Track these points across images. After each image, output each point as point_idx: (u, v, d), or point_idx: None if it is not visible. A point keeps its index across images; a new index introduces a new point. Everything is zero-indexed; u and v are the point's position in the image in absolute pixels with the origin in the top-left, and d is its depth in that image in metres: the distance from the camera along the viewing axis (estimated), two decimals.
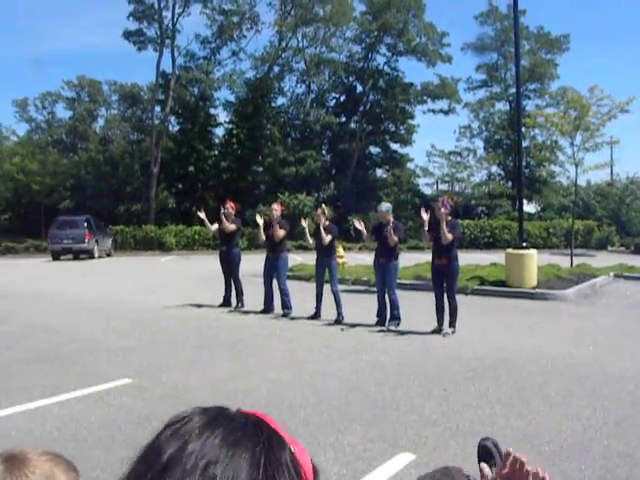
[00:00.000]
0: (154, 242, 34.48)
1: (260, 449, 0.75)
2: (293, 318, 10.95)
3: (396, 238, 9.90)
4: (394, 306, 9.96)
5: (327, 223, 10.95)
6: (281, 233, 11.17)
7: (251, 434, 0.77)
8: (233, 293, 12.19)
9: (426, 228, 9.58)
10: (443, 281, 9.58)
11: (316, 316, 10.84)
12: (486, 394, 6.14)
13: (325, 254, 10.89)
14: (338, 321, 10.48)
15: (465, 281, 13.88)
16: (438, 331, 9.45)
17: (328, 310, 10.74)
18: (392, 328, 9.75)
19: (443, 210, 9.28)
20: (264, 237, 11.45)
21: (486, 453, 1.82)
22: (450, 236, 9.21)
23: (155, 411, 5.64)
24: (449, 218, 9.40)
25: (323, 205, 11.97)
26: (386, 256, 9.99)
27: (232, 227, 11.97)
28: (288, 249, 11.83)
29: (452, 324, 9.37)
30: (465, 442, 4.74)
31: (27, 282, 17.71)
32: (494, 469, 2.03)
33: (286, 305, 11.22)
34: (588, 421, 5.35)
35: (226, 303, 12.20)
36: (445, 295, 9.49)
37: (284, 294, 11.23)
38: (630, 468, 4.35)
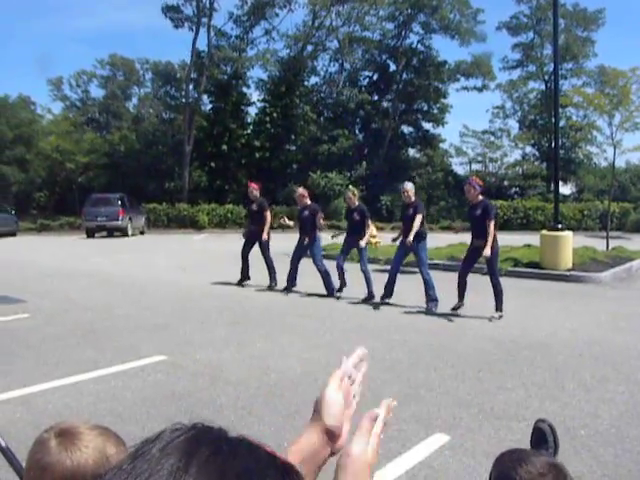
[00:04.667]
0: (187, 220, 34.73)
1: None
2: (323, 296, 10.97)
3: (417, 221, 9.70)
4: (429, 286, 9.78)
5: (357, 204, 11.02)
6: (321, 221, 11.38)
7: None
8: (251, 271, 12.25)
9: None
10: (476, 260, 9.48)
11: (341, 289, 10.98)
12: (520, 376, 6.08)
13: (355, 234, 10.88)
14: (367, 299, 10.50)
15: (499, 262, 13.75)
16: (457, 307, 9.37)
17: (359, 288, 10.74)
18: (433, 310, 9.63)
19: (473, 191, 9.20)
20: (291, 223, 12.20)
21: (540, 435, 1.78)
22: (492, 228, 9.05)
23: (189, 388, 5.71)
24: (480, 198, 9.28)
25: (351, 187, 12.03)
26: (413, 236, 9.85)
27: (268, 216, 11.95)
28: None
29: (499, 308, 9.11)
30: (500, 424, 4.72)
31: (62, 259, 18.00)
32: (548, 452, 1.99)
33: (329, 286, 11.17)
34: (624, 406, 5.28)
35: (243, 281, 12.25)
36: (489, 279, 9.24)
37: (324, 274, 11.17)
38: None
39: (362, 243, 10.45)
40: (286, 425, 4.73)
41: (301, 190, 11.86)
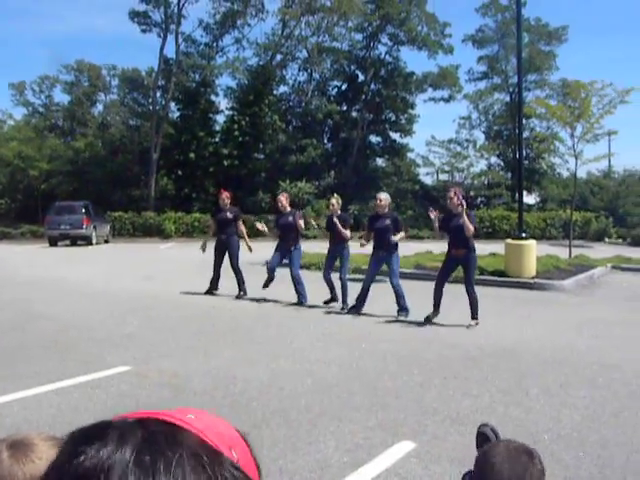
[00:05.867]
0: (153, 229, 34.36)
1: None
2: (291, 305, 10.95)
3: (402, 234, 10.17)
4: (399, 295, 9.85)
5: (340, 213, 11.01)
6: (302, 222, 11.25)
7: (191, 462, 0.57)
8: (221, 282, 12.09)
9: (436, 225, 9.54)
10: (453, 270, 9.58)
11: (334, 300, 10.81)
12: (485, 383, 6.15)
13: (338, 243, 10.85)
14: (343, 309, 10.52)
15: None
16: (430, 318, 9.42)
17: (325, 297, 10.76)
18: (402, 319, 9.69)
19: (456, 201, 9.26)
20: (277, 233, 11.52)
21: (484, 439, 1.86)
22: (472, 228, 9.15)
23: (154, 399, 5.64)
24: (459, 209, 9.34)
25: (336, 195, 11.84)
26: (386, 248, 9.94)
27: (242, 226, 12.02)
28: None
29: (474, 316, 9.19)
30: (465, 430, 4.75)
31: (24, 268, 17.68)
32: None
33: (301, 294, 11.07)
34: (586, 410, 5.37)
35: (212, 290, 12.08)
36: (464, 287, 9.32)
37: (297, 282, 11.05)
38: (627, 457, 4.38)
39: (395, 238, 9.95)
40: (252, 434, 4.68)
41: (285, 195, 11.70)
